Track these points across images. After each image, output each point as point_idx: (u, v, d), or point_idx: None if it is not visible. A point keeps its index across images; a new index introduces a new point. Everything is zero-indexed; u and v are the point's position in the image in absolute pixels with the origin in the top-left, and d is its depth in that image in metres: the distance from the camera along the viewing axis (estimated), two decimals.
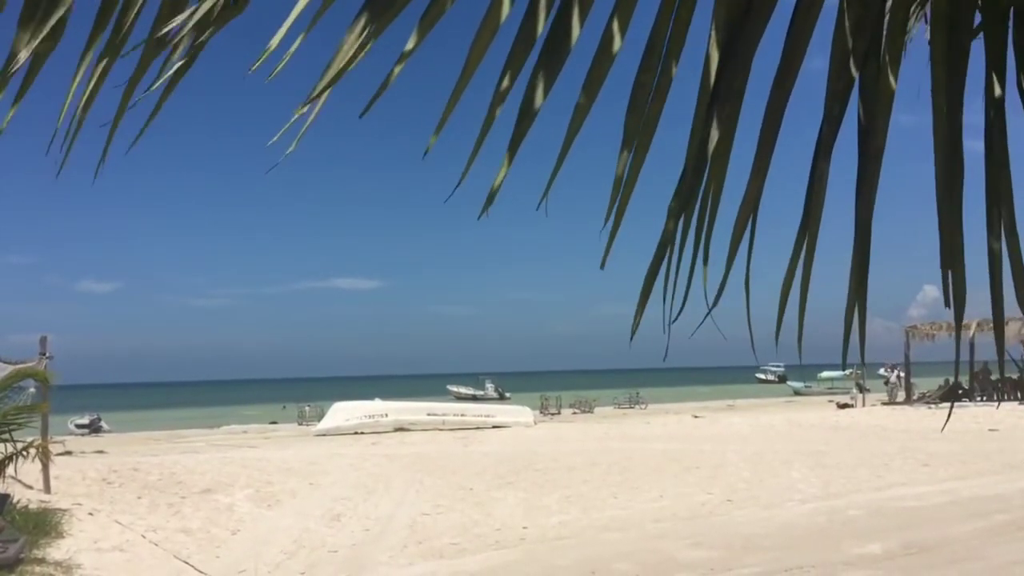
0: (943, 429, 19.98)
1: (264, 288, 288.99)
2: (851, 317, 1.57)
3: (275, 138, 1.28)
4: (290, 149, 1.31)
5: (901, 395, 36.75)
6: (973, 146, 1.54)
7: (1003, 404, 32.55)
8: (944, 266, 1.51)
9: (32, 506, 10.95)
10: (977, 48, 1.51)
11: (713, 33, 1.49)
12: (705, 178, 1.54)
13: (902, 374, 37.53)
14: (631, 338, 1.59)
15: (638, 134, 1.52)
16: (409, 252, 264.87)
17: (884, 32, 1.53)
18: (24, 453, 10.29)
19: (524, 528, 10.64)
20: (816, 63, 1.62)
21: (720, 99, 1.50)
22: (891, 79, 1.51)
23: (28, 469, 11.37)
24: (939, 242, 1.52)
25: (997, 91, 1.48)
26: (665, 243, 1.56)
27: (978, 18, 1.51)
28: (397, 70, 1.32)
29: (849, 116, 1.55)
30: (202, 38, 1.29)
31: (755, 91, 1.54)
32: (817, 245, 1.58)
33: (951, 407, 32.52)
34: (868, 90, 1.53)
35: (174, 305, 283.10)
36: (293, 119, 1.28)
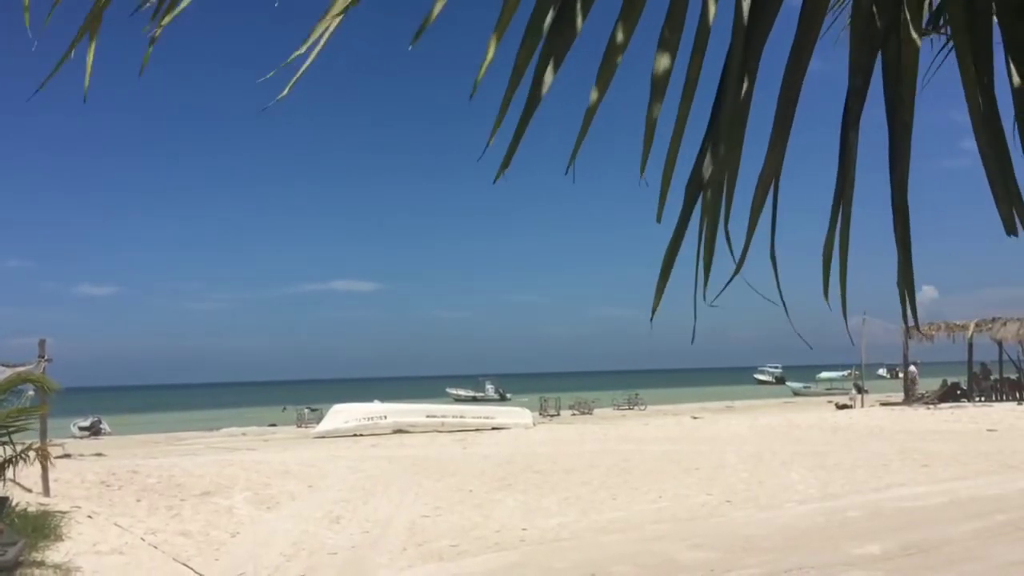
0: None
1: (262, 291, 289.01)
2: (903, 289, 1.59)
3: (270, 74, 1.31)
4: (282, 94, 1.32)
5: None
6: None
7: (1001, 404, 32.58)
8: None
9: (31, 509, 10.93)
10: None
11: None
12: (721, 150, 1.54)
13: (912, 368, 37.29)
14: (651, 318, 1.56)
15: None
16: (408, 255, 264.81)
17: (904, 5, 1.54)
18: (23, 456, 10.28)
19: (523, 530, 10.64)
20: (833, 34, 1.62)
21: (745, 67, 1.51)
22: (913, 53, 1.52)
23: (27, 472, 11.35)
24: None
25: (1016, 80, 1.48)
26: (686, 217, 1.55)
27: None
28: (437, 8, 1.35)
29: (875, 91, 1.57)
30: None
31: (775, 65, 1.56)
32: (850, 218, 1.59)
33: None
34: (891, 66, 1.54)
35: (172, 308, 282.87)
36: (290, 59, 1.29)
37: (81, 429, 37.10)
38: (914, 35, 1.50)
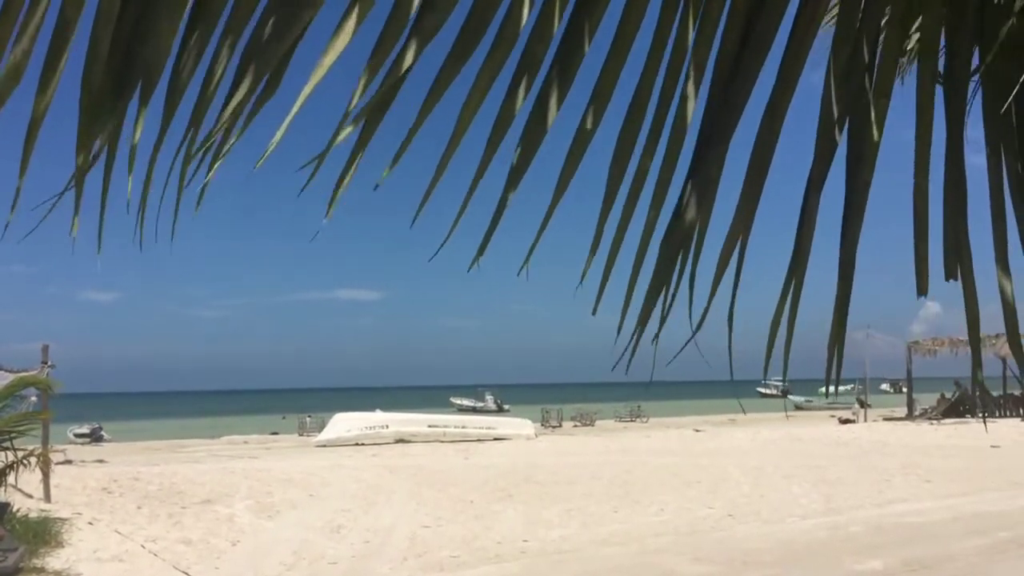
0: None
1: (266, 299, 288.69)
2: (835, 344, 1.60)
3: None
4: (327, 217, 1.34)
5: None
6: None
7: (1005, 420, 32.48)
8: (949, 275, 1.55)
9: (32, 515, 10.94)
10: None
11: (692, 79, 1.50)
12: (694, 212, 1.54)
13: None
14: (613, 367, 1.60)
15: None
16: (411, 263, 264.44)
17: (875, 68, 1.54)
18: (25, 462, 10.28)
19: (524, 542, 10.61)
20: (812, 78, 1.64)
21: (712, 141, 1.52)
22: (879, 116, 1.53)
23: (28, 478, 11.36)
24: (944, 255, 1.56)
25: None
26: (660, 277, 1.57)
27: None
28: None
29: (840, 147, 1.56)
30: (238, 124, 1.31)
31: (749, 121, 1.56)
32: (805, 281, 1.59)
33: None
34: (857, 126, 1.54)
35: (176, 315, 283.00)
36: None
37: (78, 436, 36.78)
38: (878, 100, 1.52)
